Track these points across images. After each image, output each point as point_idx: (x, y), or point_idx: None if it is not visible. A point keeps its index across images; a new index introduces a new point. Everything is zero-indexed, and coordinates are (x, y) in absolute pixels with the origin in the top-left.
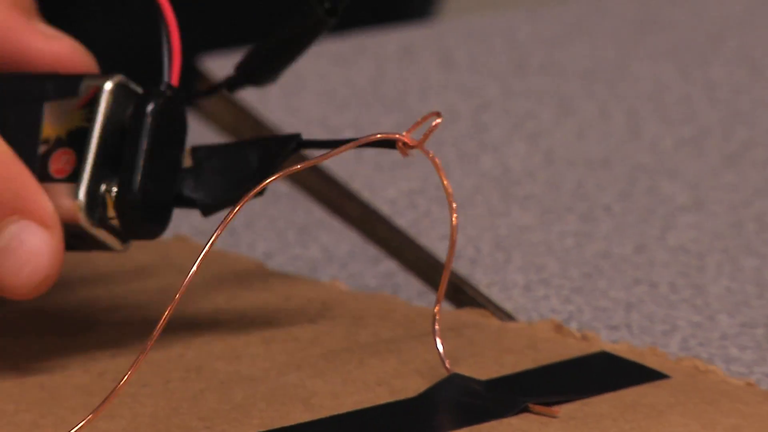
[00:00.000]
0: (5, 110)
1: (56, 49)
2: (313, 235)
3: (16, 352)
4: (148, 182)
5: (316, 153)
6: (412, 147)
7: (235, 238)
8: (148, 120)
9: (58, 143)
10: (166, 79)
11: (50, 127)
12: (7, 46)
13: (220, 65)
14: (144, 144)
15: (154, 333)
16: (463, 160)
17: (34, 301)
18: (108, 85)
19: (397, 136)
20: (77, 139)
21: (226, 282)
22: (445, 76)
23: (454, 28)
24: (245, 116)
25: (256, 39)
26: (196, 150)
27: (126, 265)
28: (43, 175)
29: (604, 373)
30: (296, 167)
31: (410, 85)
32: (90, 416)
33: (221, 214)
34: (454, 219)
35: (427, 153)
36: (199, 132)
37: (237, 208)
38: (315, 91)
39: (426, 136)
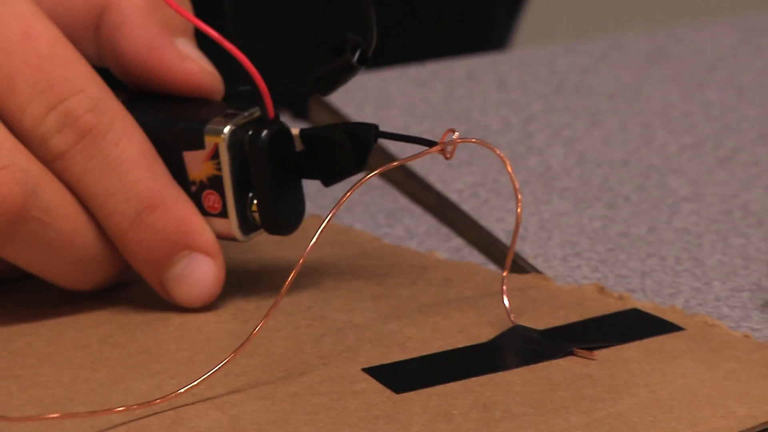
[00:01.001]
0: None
1: (189, 69)
2: (398, 218)
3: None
4: (279, 193)
5: (396, 152)
6: (449, 157)
7: (339, 219)
8: (263, 154)
9: (203, 186)
10: (264, 115)
11: (192, 172)
12: (148, 61)
13: None
14: (265, 171)
15: (283, 289)
16: (514, 160)
17: None
18: (223, 141)
19: (439, 148)
20: (215, 184)
21: (348, 250)
22: (500, 96)
23: (508, 59)
24: None
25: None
26: (303, 135)
27: (271, 237)
28: (201, 211)
29: (633, 326)
30: (392, 164)
31: (473, 102)
32: (233, 354)
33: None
34: (519, 206)
35: (501, 157)
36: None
37: (348, 193)
38: (400, 106)
39: (454, 148)
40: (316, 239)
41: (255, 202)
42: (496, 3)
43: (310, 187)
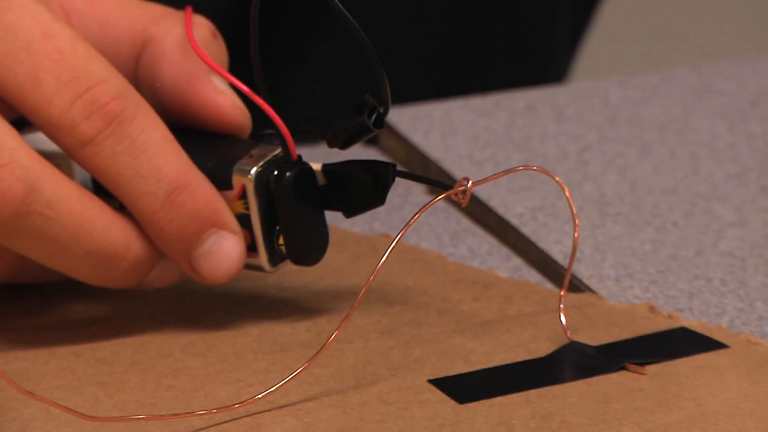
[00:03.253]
0: None
1: (222, 103)
2: (461, 238)
3: (258, 317)
4: (304, 227)
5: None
6: (463, 204)
7: (406, 239)
8: (288, 193)
9: None
10: (287, 157)
11: None
12: (186, 92)
13: (398, 114)
14: (290, 208)
15: (355, 303)
16: (570, 187)
17: (276, 280)
18: (251, 183)
19: (452, 193)
20: (244, 221)
21: (415, 267)
22: (557, 126)
23: (565, 91)
24: (414, 152)
25: (433, 95)
26: (325, 170)
27: (345, 254)
28: None
29: (682, 343)
30: (454, 191)
31: (533, 132)
32: (306, 364)
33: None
34: (576, 229)
35: (560, 183)
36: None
37: (416, 216)
38: (464, 135)
39: (468, 195)
40: (386, 257)
41: (281, 235)
42: (557, 39)
43: (380, 208)
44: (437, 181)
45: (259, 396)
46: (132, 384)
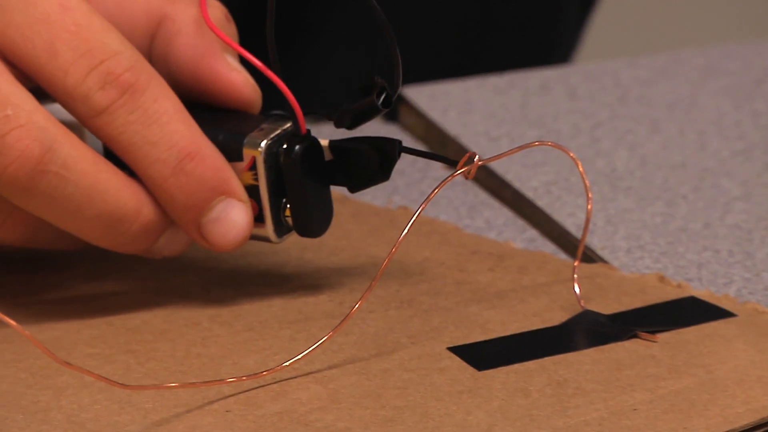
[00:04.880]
0: None
1: (235, 79)
2: (479, 210)
3: (282, 287)
4: (310, 200)
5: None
6: (469, 177)
7: (425, 211)
8: (296, 166)
9: None
10: (296, 130)
11: None
12: (200, 68)
13: (417, 92)
14: (297, 181)
15: (378, 274)
16: (583, 162)
17: (298, 252)
18: (260, 155)
19: (462, 169)
20: (252, 192)
21: (432, 239)
22: (570, 104)
23: (577, 71)
24: (432, 129)
25: (450, 74)
26: (332, 146)
27: (364, 226)
28: None
29: (691, 312)
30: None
31: (546, 110)
32: (331, 333)
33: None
34: (589, 203)
35: (573, 158)
36: (400, 138)
37: (436, 189)
38: (481, 112)
39: (473, 171)
40: (408, 230)
41: (288, 207)
42: (564, 19)
43: (399, 180)
44: (443, 156)
45: (286, 364)
46: (162, 352)
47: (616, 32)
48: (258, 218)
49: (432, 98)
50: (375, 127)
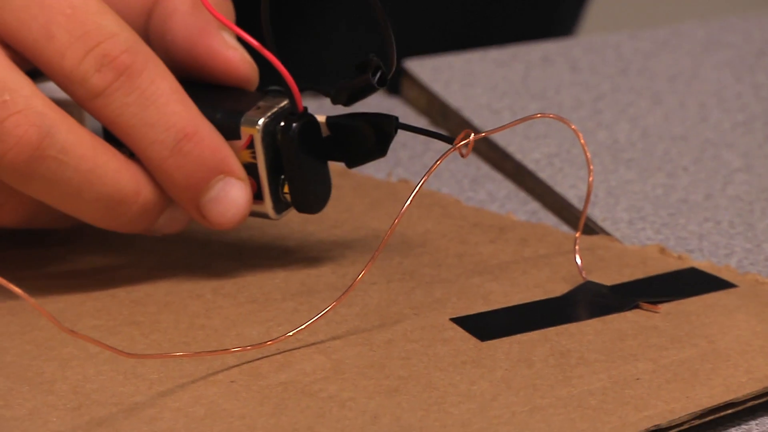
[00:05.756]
0: None
1: (232, 57)
2: (481, 183)
3: (284, 260)
4: (308, 176)
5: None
6: (464, 155)
7: (427, 184)
8: (293, 144)
9: None
10: (293, 108)
11: None
12: (197, 46)
13: (419, 65)
14: (295, 158)
15: (380, 245)
16: (585, 134)
17: (299, 225)
18: (258, 133)
19: (458, 144)
20: (251, 170)
21: (433, 211)
22: (572, 76)
23: (579, 44)
24: (435, 101)
25: (452, 47)
26: (329, 123)
27: (365, 199)
28: None
29: (692, 283)
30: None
31: (548, 83)
32: (334, 304)
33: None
34: (591, 174)
35: (575, 131)
36: (403, 111)
37: (438, 162)
38: (483, 85)
39: (470, 149)
40: (409, 203)
41: (286, 183)
42: None
43: (402, 153)
44: (439, 133)
45: (290, 334)
46: (166, 324)
47: (617, 5)
48: (257, 195)
49: (434, 71)
50: (378, 101)
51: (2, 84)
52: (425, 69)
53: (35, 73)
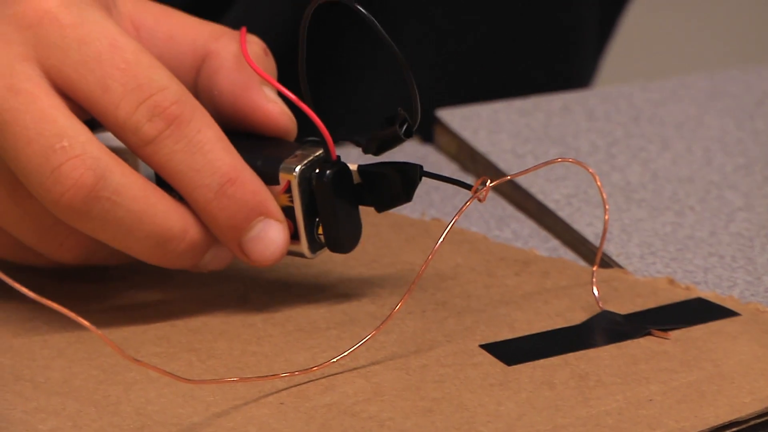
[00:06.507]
0: None
1: (272, 110)
2: (506, 222)
3: (328, 291)
4: (340, 219)
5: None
6: (482, 200)
7: (456, 223)
8: (327, 189)
9: None
10: (327, 156)
11: None
12: (241, 100)
13: (450, 114)
14: (329, 202)
15: (415, 279)
16: (600, 177)
17: (342, 259)
18: (295, 179)
19: (475, 190)
20: (288, 212)
21: (463, 247)
22: (589, 124)
23: (595, 94)
24: (464, 147)
25: (480, 97)
26: (361, 170)
27: (401, 235)
28: None
29: (699, 311)
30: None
31: (567, 130)
32: (374, 332)
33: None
34: (606, 213)
35: (592, 173)
36: (435, 157)
37: (468, 203)
38: (508, 132)
39: (485, 195)
40: (442, 240)
41: (320, 225)
42: (584, 49)
43: (434, 195)
44: (458, 180)
45: (334, 360)
46: (221, 350)
47: (630, 59)
48: (294, 236)
49: (464, 119)
50: (413, 148)
51: (61, 131)
52: (455, 117)
53: (94, 123)
